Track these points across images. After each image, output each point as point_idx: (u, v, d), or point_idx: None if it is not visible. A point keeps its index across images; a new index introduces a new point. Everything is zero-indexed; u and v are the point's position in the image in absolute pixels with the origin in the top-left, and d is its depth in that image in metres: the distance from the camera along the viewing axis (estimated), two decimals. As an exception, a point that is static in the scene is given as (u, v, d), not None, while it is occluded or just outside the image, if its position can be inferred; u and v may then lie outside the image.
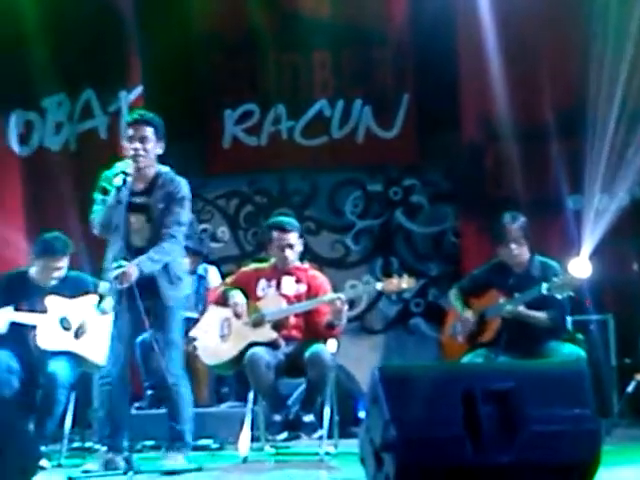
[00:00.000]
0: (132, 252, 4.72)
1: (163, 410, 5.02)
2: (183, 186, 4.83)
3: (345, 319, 5.23)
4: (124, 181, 4.63)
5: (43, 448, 4.92)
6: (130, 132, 4.80)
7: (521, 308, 5.08)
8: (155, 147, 4.79)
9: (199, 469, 4.64)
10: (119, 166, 4.72)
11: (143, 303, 4.65)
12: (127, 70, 7.29)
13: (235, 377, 6.14)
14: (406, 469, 3.31)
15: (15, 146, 7.36)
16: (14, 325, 5.27)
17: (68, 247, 5.41)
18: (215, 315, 5.20)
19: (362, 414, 6.38)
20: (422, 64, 7.15)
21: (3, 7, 7.04)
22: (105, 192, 4.72)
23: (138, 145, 4.74)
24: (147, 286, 4.68)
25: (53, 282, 5.38)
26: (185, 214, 4.82)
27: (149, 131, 4.77)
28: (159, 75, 7.16)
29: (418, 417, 3.32)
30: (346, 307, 5.17)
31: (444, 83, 6.95)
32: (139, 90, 7.26)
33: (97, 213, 4.77)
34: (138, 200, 4.79)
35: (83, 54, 7.23)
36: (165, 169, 4.87)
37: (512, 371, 3.57)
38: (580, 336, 5.59)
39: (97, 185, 4.79)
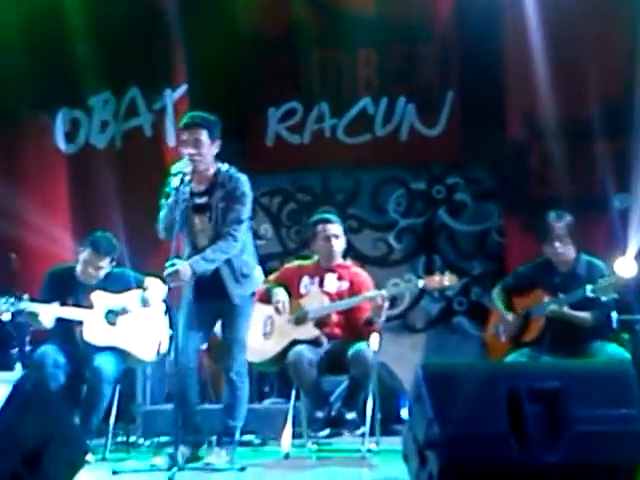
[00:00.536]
0: (199, 252, 4.76)
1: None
2: (243, 182, 4.83)
3: (384, 316, 5.23)
4: (182, 181, 4.65)
5: (88, 442, 4.97)
6: (184, 136, 4.81)
7: (565, 309, 5.03)
8: (210, 148, 4.78)
9: (242, 469, 4.66)
10: (177, 167, 4.72)
11: (211, 303, 4.72)
12: (172, 68, 7.34)
13: (277, 374, 6.16)
14: (450, 467, 3.30)
15: (62, 144, 7.45)
16: (60, 320, 5.33)
17: (114, 248, 5.48)
18: (258, 313, 5.20)
19: (404, 412, 6.38)
20: (467, 61, 7.08)
21: (50, 5, 7.12)
22: (168, 197, 4.73)
23: (192, 150, 4.73)
24: (214, 285, 4.74)
25: (97, 279, 5.44)
26: (246, 211, 4.81)
27: (203, 134, 4.76)
28: (203, 73, 7.18)
29: (462, 415, 3.30)
30: (387, 304, 5.18)
31: (489, 80, 6.88)
32: (184, 88, 7.31)
33: (161, 219, 4.79)
34: (199, 201, 4.81)
35: (128, 53, 7.27)
36: (225, 167, 4.87)
37: (558, 371, 3.54)
38: (626, 336, 5.54)
39: (162, 191, 4.78)
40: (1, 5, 7.19)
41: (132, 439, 5.76)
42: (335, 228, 5.45)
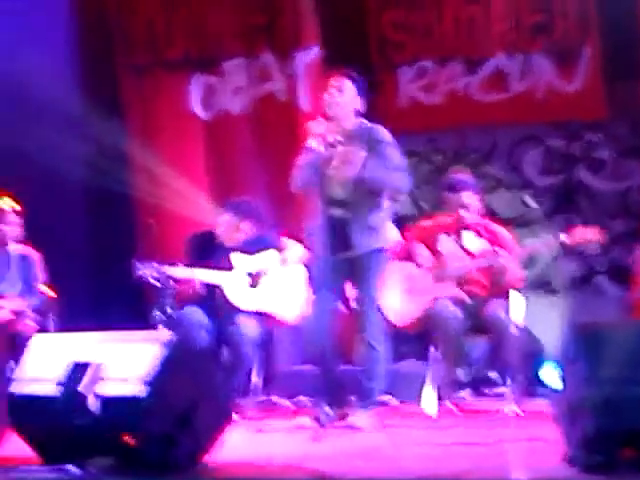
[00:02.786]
0: (333, 204, 4.76)
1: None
2: (381, 131, 4.85)
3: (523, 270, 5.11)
4: (322, 139, 4.66)
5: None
6: (333, 82, 4.84)
7: None
8: (353, 100, 4.82)
9: (382, 429, 4.67)
10: (314, 126, 4.74)
11: (340, 255, 4.71)
12: (303, 31, 7.33)
13: (414, 334, 6.13)
14: (603, 428, 3.23)
15: (198, 109, 7.56)
16: (202, 283, 5.43)
17: (253, 212, 5.57)
18: (397, 271, 5.17)
19: (542, 374, 6.28)
20: (607, 11, 6.82)
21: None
22: (306, 155, 4.76)
23: (335, 97, 4.77)
24: (342, 238, 4.74)
25: (236, 242, 5.52)
26: (396, 155, 4.82)
27: (347, 83, 4.80)
28: (335, 35, 7.16)
29: (616, 375, 3.22)
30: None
31: (631, 31, 6.61)
32: (316, 51, 7.30)
33: (297, 174, 4.82)
34: (333, 152, 4.80)
35: (261, 18, 7.34)
36: (366, 123, 4.87)
37: None
38: None
39: (299, 151, 4.81)
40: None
41: (273, 399, 5.85)
42: (463, 196, 5.36)
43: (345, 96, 4.78)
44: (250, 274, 5.47)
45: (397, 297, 5.26)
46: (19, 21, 7.16)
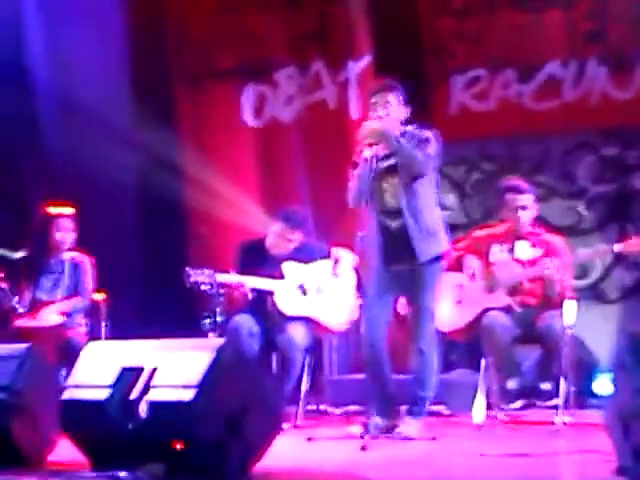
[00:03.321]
0: (390, 215, 4.78)
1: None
2: (425, 131, 4.85)
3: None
4: (377, 151, 4.69)
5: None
6: (373, 100, 4.85)
7: None
8: (398, 111, 4.83)
9: (433, 439, 4.65)
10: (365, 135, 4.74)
11: (398, 265, 4.74)
12: (355, 40, 7.36)
13: (465, 344, 6.10)
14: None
15: (249, 118, 7.62)
16: (253, 291, 5.46)
17: (304, 222, 5.62)
18: (448, 281, 5.16)
19: (596, 385, 6.21)
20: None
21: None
22: (356, 166, 4.76)
23: (381, 111, 4.78)
24: (401, 246, 4.75)
25: (287, 251, 5.53)
26: (431, 148, 4.81)
27: (391, 96, 4.81)
28: (386, 43, 7.15)
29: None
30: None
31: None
32: (367, 59, 7.32)
33: (352, 188, 4.81)
34: (386, 163, 4.83)
35: (312, 26, 7.37)
36: (410, 128, 4.89)
37: None
38: None
39: (352, 161, 4.82)
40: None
41: (322, 407, 5.86)
42: (526, 199, 5.34)
43: (389, 110, 4.78)
44: (302, 283, 5.48)
45: (448, 307, 5.24)
46: (74, 32, 7.28)
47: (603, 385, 6.02)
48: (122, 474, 3.51)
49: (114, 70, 7.42)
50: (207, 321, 6.06)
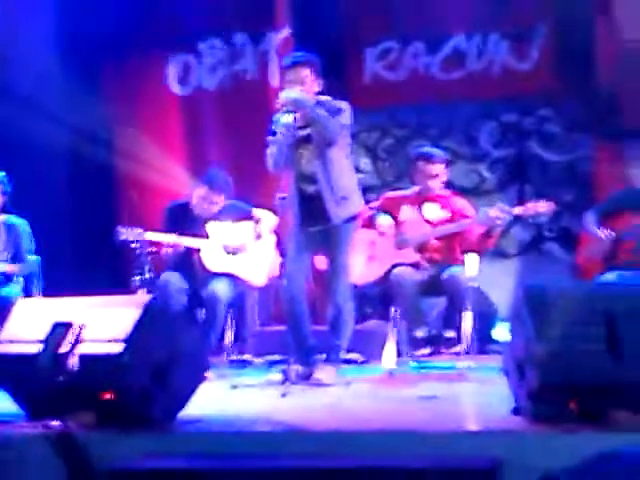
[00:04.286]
0: (306, 180, 4.76)
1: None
2: (339, 102, 4.80)
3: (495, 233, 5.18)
4: (294, 119, 4.63)
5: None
6: (288, 76, 4.78)
7: None
8: (313, 85, 4.76)
9: (348, 383, 4.68)
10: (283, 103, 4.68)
11: (315, 226, 4.72)
12: (275, 13, 7.28)
13: (378, 297, 6.15)
14: (548, 381, 3.24)
15: (175, 87, 7.50)
16: (179, 250, 5.39)
17: (227, 186, 5.52)
18: (362, 238, 5.17)
19: (495, 333, 6.32)
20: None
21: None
22: (274, 134, 4.71)
23: (296, 85, 4.71)
24: (317, 209, 4.73)
25: (211, 212, 5.48)
26: (345, 117, 4.76)
27: (306, 72, 4.74)
28: (304, 17, 7.10)
29: (561, 333, 3.22)
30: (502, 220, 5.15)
31: (581, 14, 6.60)
32: (286, 32, 7.25)
33: (271, 154, 4.75)
34: (303, 132, 4.78)
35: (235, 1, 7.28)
36: (324, 97, 4.83)
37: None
38: None
39: (270, 129, 4.75)
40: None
41: (245, 357, 5.85)
42: (436, 168, 5.35)
43: (305, 85, 4.72)
44: (225, 241, 5.44)
45: (361, 263, 5.26)
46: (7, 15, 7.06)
47: (501, 333, 6.12)
48: (54, 423, 3.46)
49: (45, 47, 7.21)
50: (137, 278, 5.99)
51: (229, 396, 4.51)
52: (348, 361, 5.46)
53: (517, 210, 5.17)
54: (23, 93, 6.87)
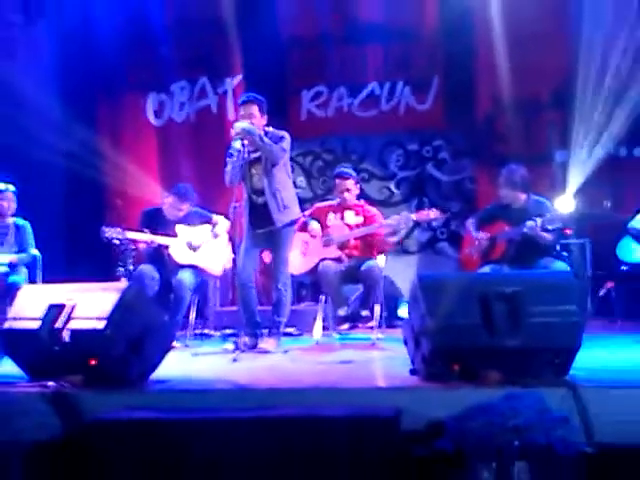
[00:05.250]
0: (256, 193, 4.74)
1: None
2: (281, 132, 4.77)
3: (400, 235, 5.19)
4: (242, 145, 4.59)
5: (174, 333, 4.97)
6: (241, 111, 4.73)
7: (538, 230, 4.71)
8: (260, 120, 4.72)
9: (286, 351, 4.67)
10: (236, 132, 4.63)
11: (263, 228, 4.71)
12: (231, 62, 7.25)
13: (310, 283, 6.15)
14: (437, 348, 3.28)
15: (152, 119, 7.42)
16: (153, 246, 5.30)
17: (191, 195, 5.45)
18: (298, 238, 5.16)
19: (400, 311, 6.37)
20: (448, 54, 6.91)
21: (138, 14, 7.01)
22: (232, 156, 4.65)
23: (247, 121, 4.66)
24: (264, 215, 4.71)
25: (178, 217, 5.41)
26: (285, 143, 4.73)
27: (255, 109, 4.69)
28: (254, 66, 7.07)
29: (446, 311, 3.26)
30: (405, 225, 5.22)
31: (465, 68, 6.76)
32: (240, 77, 7.23)
33: (228, 172, 4.68)
34: (254, 155, 4.75)
35: (199, 51, 7.21)
36: (270, 129, 4.80)
37: (517, 278, 3.48)
38: (565, 254, 5.46)
39: (227, 152, 4.69)
40: (108, 12, 7.11)
41: (206, 331, 5.78)
42: (348, 183, 5.35)
43: (254, 119, 4.68)
44: (190, 240, 5.37)
45: (297, 257, 5.24)
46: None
47: (404, 311, 6.17)
48: (50, 383, 3.39)
49: (46, 87, 7.03)
50: (121, 269, 5.89)
51: (192, 362, 4.46)
52: (286, 334, 5.44)
53: (415, 216, 5.20)
54: (28, 125, 6.70)
